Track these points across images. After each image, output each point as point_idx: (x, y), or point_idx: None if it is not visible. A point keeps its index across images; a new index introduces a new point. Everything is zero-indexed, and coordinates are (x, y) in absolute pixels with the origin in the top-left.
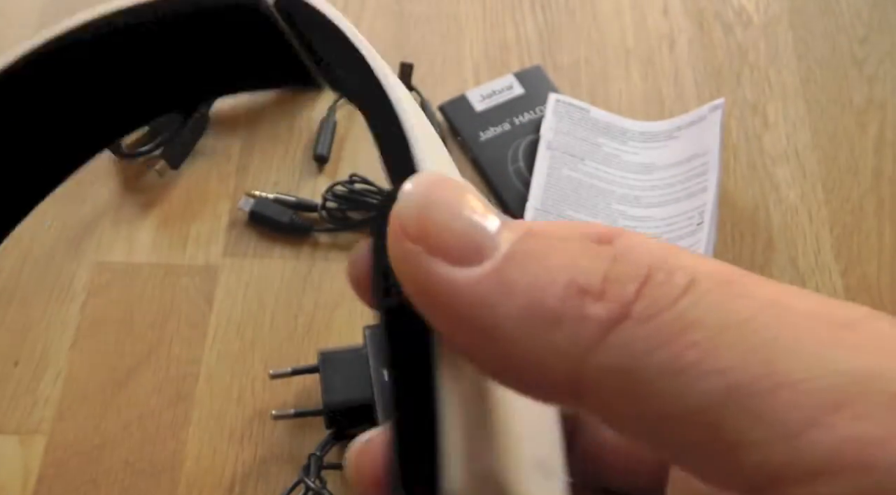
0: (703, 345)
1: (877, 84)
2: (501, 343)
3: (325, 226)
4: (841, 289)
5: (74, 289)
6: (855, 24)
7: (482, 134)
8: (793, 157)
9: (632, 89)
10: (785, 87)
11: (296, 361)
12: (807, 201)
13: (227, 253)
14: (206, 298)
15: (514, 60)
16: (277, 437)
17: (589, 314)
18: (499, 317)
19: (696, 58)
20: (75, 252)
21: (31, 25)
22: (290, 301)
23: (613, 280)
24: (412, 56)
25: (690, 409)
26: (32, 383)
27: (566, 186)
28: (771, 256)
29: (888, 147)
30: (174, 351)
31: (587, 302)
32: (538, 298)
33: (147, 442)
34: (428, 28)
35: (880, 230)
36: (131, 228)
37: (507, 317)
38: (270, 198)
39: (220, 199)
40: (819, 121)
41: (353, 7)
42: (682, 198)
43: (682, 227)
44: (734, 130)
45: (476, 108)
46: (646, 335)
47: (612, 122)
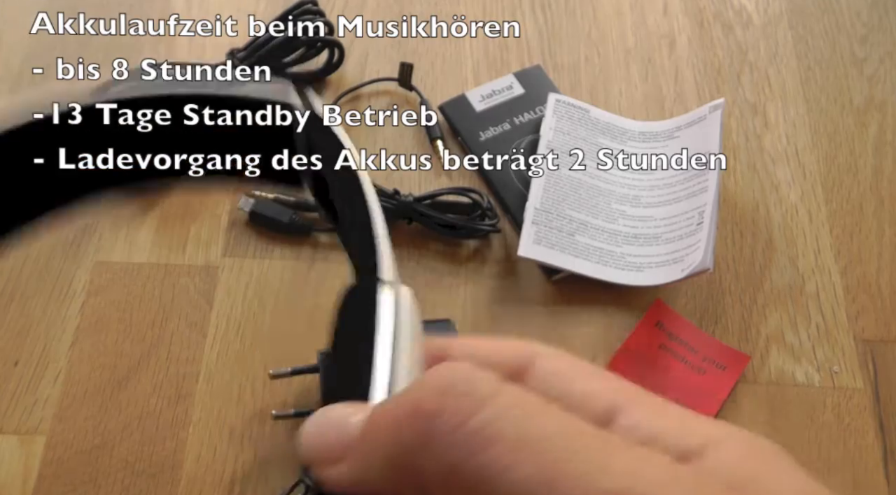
0: (505, 458)
1: (877, 84)
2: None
3: (325, 226)
4: (841, 288)
5: (74, 289)
6: (855, 23)
7: (482, 134)
8: (793, 157)
9: (632, 89)
10: (785, 87)
11: (296, 361)
12: (807, 201)
13: (227, 253)
14: (206, 298)
15: (514, 60)
16: (277, 437)
17: (411, 434)
18: (370, 481)
19: (696, 58)
20: (75, 252)
21: (30, 25)
22: (290, 301)
23: (418, 398)
24: (412, 56)
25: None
26: (32, 383)
27: (566, 186)
28: (771, 256)
29: (888, 147)
30: (174, 350)
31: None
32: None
33: (147, 442)
34: (428, 28)
35: (880, 230)
36: (131, 228)
37: (376, 475)
38: (270, 198)
39: (220, 199)
40: (819, 121)
41: (353, 7)
42: (682, 198)
43: (682, 227)
44: (734, 130)
45: (476, 108)
46: (457, 445)
47: (612, 122)
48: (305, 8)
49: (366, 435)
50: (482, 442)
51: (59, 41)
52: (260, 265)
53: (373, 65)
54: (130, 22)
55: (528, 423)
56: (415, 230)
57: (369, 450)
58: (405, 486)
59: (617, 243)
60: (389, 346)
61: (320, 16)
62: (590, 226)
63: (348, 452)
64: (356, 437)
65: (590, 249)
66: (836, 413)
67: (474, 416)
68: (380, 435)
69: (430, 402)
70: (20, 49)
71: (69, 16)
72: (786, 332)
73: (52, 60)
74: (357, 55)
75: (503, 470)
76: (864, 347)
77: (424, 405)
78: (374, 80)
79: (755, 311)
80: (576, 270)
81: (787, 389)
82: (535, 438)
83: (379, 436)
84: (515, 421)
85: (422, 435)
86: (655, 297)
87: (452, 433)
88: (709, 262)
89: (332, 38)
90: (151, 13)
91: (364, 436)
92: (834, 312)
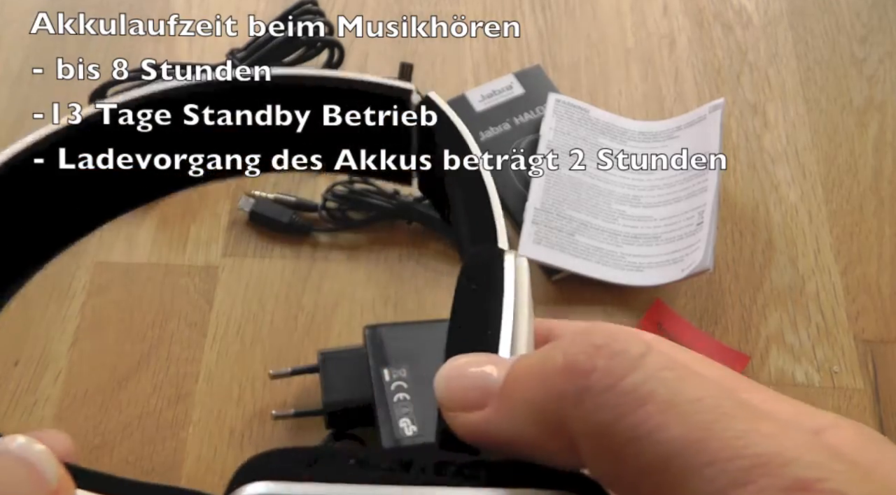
0: (656, 418)
1: (877, 84)
2: (517, 447)
3: (325, 226)
4: (841, 289)
5: (74, 289)
6: (855, 24)
7: (482, 134)
8: (793, 157)
9: (632, 89)
10: (785, 87)
11: (296, 361)
12: (807, 201)
13: (227, 253)
14: (206, 298)
15: (514, 60)
16: (277, 437)
17: (562, 391)
18: (510, 432)
19: (696, 58)
20: (75, 252)
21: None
22: (290, 301)
23: (573, 355)
24: (412, 56)
25: (643, 469)
26: (32, 383)
27: (566, 186)
28: (771, 256)
29: (888, 147)
30: (174, 351)
31: (557, 383)
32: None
33: (147, 442)
34: (428, 28)
35: (880, 230)
36: (131, 228)
37: (518, 426)
38: (270, 198)
39: (220, 199)
40: (819, 121)
41: (353, 7)
42: (682, 198)
43: (682, 227)
44: (734, 130)
45: (476, 108)
46: (609, 404)
47: (612, 122)
48: (305, 8)
49: (510, 386)
50: (634, 402)
51: (59, 41)
52: (260, 265)
53: (373, 65)
54: (130, 22)
55: (679, 385)
56: (415, 230)
57: (514, 401)
58: (548, 439)
59: (617, 243)
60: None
61: (320, 16)
62: (590, 226)
63: (489, 400)
64: (497, 387)
65: (590, 249)
66: (836, 413)
67: (627, 377)
68: (527, 388)
69: (584, 360)
70: (20, 49)
71: (69, 16)
72: (786, 332)
73: (52, 60)
74: (357, 55)
75: (654, 430)
76: (864, 347)
77: (578, 363)
78: None
79: (755, 311)
80: (576, 270)
81: (787, 389)
82: (686, 400)
83: (526, 389)
84: (666, 383)
85: (574, 392)
86: (655, 297)
87: (606, 392)
88: (709, 262)
89: (332, 38)
90: (151, 13)
91: (508, 387)
92: (834, 312)
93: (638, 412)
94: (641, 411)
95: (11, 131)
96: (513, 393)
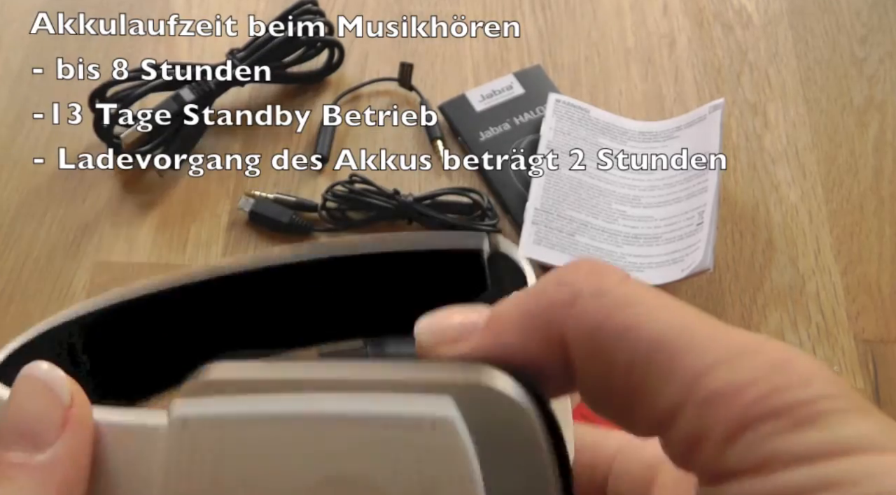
0: (645, 314)
1: (877, 84)
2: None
3: (325, 226)
4: (841, 288)
5: (74, 289)
6: (855, 24)
7: (482, 134)
8: (793, 157)
9: (632, 89)
10: (785, 87)
11: None
12: (807, 201)
13: (227, 253)
14: None
15: (514, 60)
16: None
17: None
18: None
19: (696, 58)
20: (75, 252)
21: (30, 24)
22: None
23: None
24: (412, 56)
25: (634, 360)
26: None
27: (566, 186)
28: (771, 256)
29: (888, 147)
30: None
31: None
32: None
33: None
34: (428, 28)
35: (880, 230)
36: (131, 228)
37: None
38: (270, 198)
39: (220, 199)
40: (819, 121)
41: (353, 7)
42: (682, 198)
43: (682, 227)
44: (734, 130)
45: (476, 108)
46: (600, 305)
47: (612, 122)
48: (305, 8)
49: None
50: (624, 303)
51: (59, 41)
52: None
53: (373, 65)
54: (130, 22)
55: (663, 296)
56: (415, 230)
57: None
58: (538, 349)
59: (617, 243)
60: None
61: (320, 16)
62: (590, 226)
63: (474, 332)
64: (482, 321)
65: (590, 249)
66: None
67: (616, 288)
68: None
69: (575, 274)
70: (20, 49)
71: (69, 16)
72: (786, 332)
73: (52, 60)
74: (357, 55)
75: (645, 322)
76: (864, 347)
77: (569, 274)
78: (374, 80)
79: (755, 311)
80: None
81: None
82: (673, 305)
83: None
84: (650, 292)
85: (567, 296)
86: None
87: (597, 296)
88: (709, 262)
89: (331, 38)
90: (151, 13)
91: (496, 312)
92: (834, 312)
93: (627, 310)
94: (630, 310)
95: (11, 131)
96: (501, 314)
